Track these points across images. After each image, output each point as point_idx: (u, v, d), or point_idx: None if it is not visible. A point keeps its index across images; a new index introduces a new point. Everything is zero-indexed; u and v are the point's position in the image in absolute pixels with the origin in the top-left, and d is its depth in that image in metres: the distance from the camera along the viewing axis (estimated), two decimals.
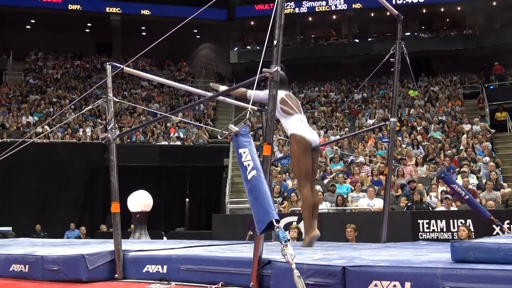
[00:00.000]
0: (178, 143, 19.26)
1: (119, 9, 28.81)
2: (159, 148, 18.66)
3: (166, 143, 19.16)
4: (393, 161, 7.57)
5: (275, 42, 4.08)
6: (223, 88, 5.74)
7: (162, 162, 18.17)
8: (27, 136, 15.98)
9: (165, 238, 12.38)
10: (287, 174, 14.74)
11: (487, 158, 14.02)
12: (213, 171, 18.63)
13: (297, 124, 5.13)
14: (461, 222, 9.26)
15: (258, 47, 27.97)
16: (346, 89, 25.13)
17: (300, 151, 5.07)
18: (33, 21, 29.02)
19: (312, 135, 5.20)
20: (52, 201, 17.08)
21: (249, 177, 3.35)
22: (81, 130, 19.78)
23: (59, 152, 17.55)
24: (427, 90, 23.32)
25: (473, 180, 12.67)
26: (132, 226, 11.92)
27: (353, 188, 12.93)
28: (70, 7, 28.15)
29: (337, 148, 16.07)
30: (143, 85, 25.20)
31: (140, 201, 10.25)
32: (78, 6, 28.25)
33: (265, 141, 4.03)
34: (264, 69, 3.97)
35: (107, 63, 5.12)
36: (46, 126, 17.56)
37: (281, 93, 5.09)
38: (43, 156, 16.85)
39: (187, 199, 19.53)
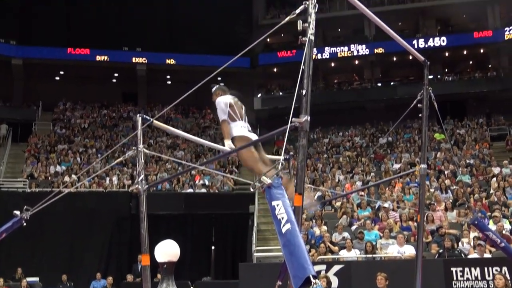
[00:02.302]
0: (204, 190, 19.23)
1: (145, 59, 29.55)
2: (184, 196, 18.68)
3: (191, 190, 19.17)
4: None
5: (303, 91, 4.07)
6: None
7: (187, 210, 18.14)
8: (59, 186, 16.13)
9: None
10: (314, 221, 14.55)
11: None
12: (239, 218, 18.52)
13: (238, 129, 5.55)
14: (496, 270, 8.98)
15: (281, 93, 28.21)
16: (371, 133, 25.02)
17: (243, 150, 5.27)
18: (62, 72, 29.87)
19: (252, 136, 5.55)
20: (78, 251, 17.06)
21: (283, 230, 3.27)
22: (107, 178, 19.96)
23: (86, 201, 17.64)
24: (453, 133, 23.08)
25: (506, 225, 12.31)
26: (159, 275, 11.82)
27: (381, 234, 12.65)
28: (98, 58, 29.01)
29: (363, 194, 15.84)
30: (168, 133, 25.48)
31: (168, 251, 10.13)
32: (106, 57, 29.12)
33: (296, 191, 3.97)
34: (293, 119, 3.95)
35: (138, 115, 5.15)
36: (73, 176, 17.75)
37: (227, 98, 5.72)
38: (70, 205, 16.91)
39: (213, 247, 19.33)
